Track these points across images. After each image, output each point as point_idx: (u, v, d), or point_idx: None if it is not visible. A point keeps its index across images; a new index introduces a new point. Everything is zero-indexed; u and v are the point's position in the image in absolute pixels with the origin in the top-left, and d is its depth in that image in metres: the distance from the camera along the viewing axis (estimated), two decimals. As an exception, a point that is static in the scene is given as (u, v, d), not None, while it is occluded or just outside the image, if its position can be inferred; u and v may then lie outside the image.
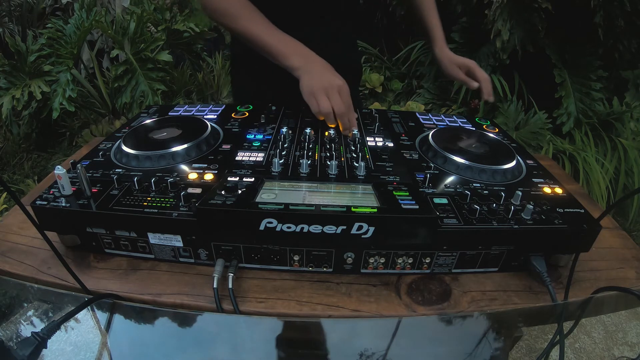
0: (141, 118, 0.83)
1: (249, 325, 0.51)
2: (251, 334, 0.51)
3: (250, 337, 0.51)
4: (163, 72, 2.16)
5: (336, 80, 0.71)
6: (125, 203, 0.53)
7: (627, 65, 2.21)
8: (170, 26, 2.46)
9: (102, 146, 0.69)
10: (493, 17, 1.97)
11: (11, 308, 0.56)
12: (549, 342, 0.50)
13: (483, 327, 0.52)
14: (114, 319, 0.51)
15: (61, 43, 2.06)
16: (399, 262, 0.55)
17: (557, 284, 0.55)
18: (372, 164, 0.65)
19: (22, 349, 0.39)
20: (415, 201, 0.52)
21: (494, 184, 0.62)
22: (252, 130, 0.77)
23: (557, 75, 2.10)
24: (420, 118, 0.89)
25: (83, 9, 2.12)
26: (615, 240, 0.65)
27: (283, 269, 0.56)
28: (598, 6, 1.87)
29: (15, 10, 2.66)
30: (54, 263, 0.55)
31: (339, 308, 0.51)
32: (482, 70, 0.92)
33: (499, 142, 0.75)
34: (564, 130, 2.12)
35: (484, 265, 0.56)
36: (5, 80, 2.03)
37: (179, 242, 0.54)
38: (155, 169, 0.62)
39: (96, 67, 2.27)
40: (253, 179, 0.57)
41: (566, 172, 1.68)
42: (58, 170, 0.53)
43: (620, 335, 1.47)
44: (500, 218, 0.53)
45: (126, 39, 2.10)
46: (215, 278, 0.51)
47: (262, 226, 0.49)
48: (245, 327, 0.51)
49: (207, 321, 0.51)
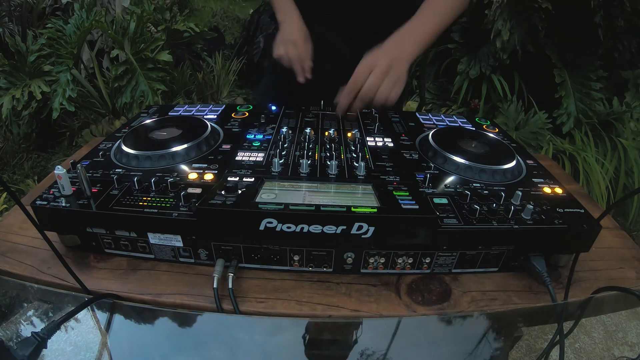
0: (141, 118, 0.83)
1: (249, 326, 0.51)
2: (251, 334, 0.51)
3: (250, 337, 0.51)
4: (163, 72, 2.16)
5: (293, 36, 0.87)
6: (125, 203, 0.53)
7: (627, 65, 2.21)
8: (170, 26, 2.46)
9: (102, 146, 0.69)
10: (493, 17, 1.97)
11: (11, 308, 0.56)
12: (549, 342, 0.50)
13: (483, 327, 0.52)
14: (114, 319, 0.51)
15: (61, 43, 2.06)
16: (399, 262, 0.55)
17: (557, 284, 0.55)
18: (372, 164, 0.65)
19: (22, 349, 0.39)
20: (415, 201, 0.52)
21: (494, 184, 0.62)
22: (252, 130, 0.77)
23: (557, 75, 2.10)
24: (420, 118, 0.89)
25: (83, 9, 2.12)
26: (615, 240, 0.65)
27: (283, 269, 0.56)
28: (598, 6, 1.87)
29: (15, 10, 2.65)
30: (54, 263, 0.55)
31: (339, 308, 0.51)
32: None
33: (499, 142, 0.75)
34: (564, 130, 2.12)
35: (484, 265, 0.56)
36: (5, 80, 2.03)
37: (179, 242, 0.54)
38: (155, 169, 0.62)
39: (96, 67, 2.27)
40: (253, 179, 0.57)
41: (566, 172, 1.68)
42: (58, 170, 0.53)
43: (620, 335, 1.47)
44: (500, 218, 0.53)
45: (126, 39, 2.10)
46: (215, 278, 0.51)
47: (262, 226, 0.49)
48: (245, 327, 0.51)
49: (207, 321, 0.51)
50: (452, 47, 2.35)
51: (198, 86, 2.66)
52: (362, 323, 0.52)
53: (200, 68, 2.80)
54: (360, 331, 0.53)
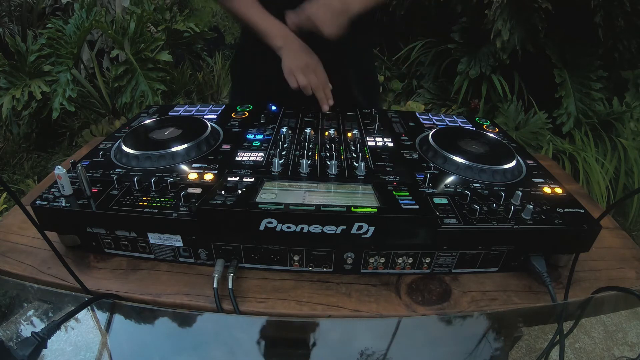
0: (141, 118, 0.83)
1: (249, 326, 0.51)
2: (251, 334, 0.51)
3: (250, 337, 0.51)
4: (163, 72, 2.16)
5: (311, 60, 0.83)
6: (125, 203, 0.53)
7: (627, 65, 2.21)
8: (170, 26, 2.46)
9: (102, 146, 0.69)
10: (493, 17, 1.97)
11: (11, 308, 0.56)
12: (549, 342, 0.50)
13: (483, 327, 0.52)
14: (114, 319, 0.51)
15: (61, 43, 2.06)
16: (399, 262, 0.55)
17: (557, 284, 0.55)
18: (372, 164, 0.65)
19: (22, 349, 0.39)
20: (415, 201, 0.52)
21: (494, 184, 0.62)
22: (252, 130, 0.77)
23: (557, 75, 2.10)
24: (420, 118, 0.89)
25: (83, 9, 2.12)
26: (615, 240, 0.65)
27: (283, 269, 0.56)
28: (598, 6, 1.87)
29: (15, 10, 2.65)
30: (54, 263, 0.55)
31: (339, 308, 0.51)
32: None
33: (499, 142, 0.75)
34: (564, 130, 2.12)
35: (484, 265, 0.56)
36: (5, 80, 2.03)
37: (179, 242, 0.54)
38: (155, 169, 0.62)
39: (96, 67, 2.27)
40: (253, 179, 0.57)
41: (566, 172, 1.68)
42: (58, 170, 0.53)
43: (620, 335, 1.47)
44: (500, 218, 0.53)
45: (126, 39, 2.10)
46: (215, 278, 0.51)
47: (262, 226, 0.49)
48: (245, 327, 0.51)
49: (207, 321, 0.51)
50: (452, 47, 2.35)
51: (198, 86, 2.66)
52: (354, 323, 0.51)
53: (200, 68, 2.80)
54: (354, 331, 0.53)
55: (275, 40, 0.83)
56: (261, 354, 0.50)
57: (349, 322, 0.52)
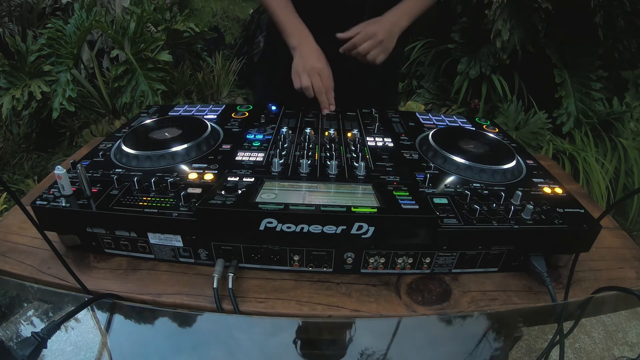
0: (141, 118, 0.83)
1: (249, 326, 0.51)
2: (251, 334, 0.51)
3: (250, 337, 0.51)
4: (163, 72, 2.16)
5: (319, 63, 0.84)
6: (125, 203, 0.53)
7: (627, 65, 2.21)
8: (170, 26, 2.46)
9: (102, 146, 0.69)
10: (493, 17, 1.97)
11: (11, 308, 0.56)
12: (549, 342, 0.50)
13: (483, 327, 0.52)
14: (114, 319, 0.51)
15: (61, 43, 2.06)
16: (399, 262, 0.55)
17: (557, 284, 0.55)
18: (372, 164, 0.65)
19: (22, 349, 0.39)
20: (415, 201, 0.52)
21: (494, 184, 0.62)
22: (252, 130, 0.77)
23: (557, 75, 2.10)
24: (420, 118, 0.89)
25: (83, 9, 2.12)
26: (615, 240, 0.65)
27: (283, 269, 0.56)
28: (598, 6, 1.87)
29: (15, 10, 2.65)
30: (54, 263, 0.55)
31: (339, 308, 0.51)
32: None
33: (499, 142, 0.75)
34: (564, 130, 2.12)
35: (484, 265, 0.56)
36: (5, 80, 2.03)
37: (179, 242, 0.54)
38: (155, 169, 0.62)
39: (96, 67, 2.27)
40: (253, 179, 0.57)
41: (566, 172, 1.68)
42: (58, 170, 0.53)
43: (620, 335, 1.47)
44: (500, 218, 0.53)
45: (126, 39, 2.10)
46: (215, 278, 0.51)
47: (262, 226, 0.49)
48: (245, 327, 0.51)
49: (207, 321, 0.51)
50: (452, 47, 2.35)
51: (198, 86, 2.66)
52: (355, 323, 0.52)
53: (200, 68, 2.80)
54: (354, 330, 0.53)
55: (291, 38, 0.86)
56: (261, 354, 0.50)
57: (348, 322, 0.52)
